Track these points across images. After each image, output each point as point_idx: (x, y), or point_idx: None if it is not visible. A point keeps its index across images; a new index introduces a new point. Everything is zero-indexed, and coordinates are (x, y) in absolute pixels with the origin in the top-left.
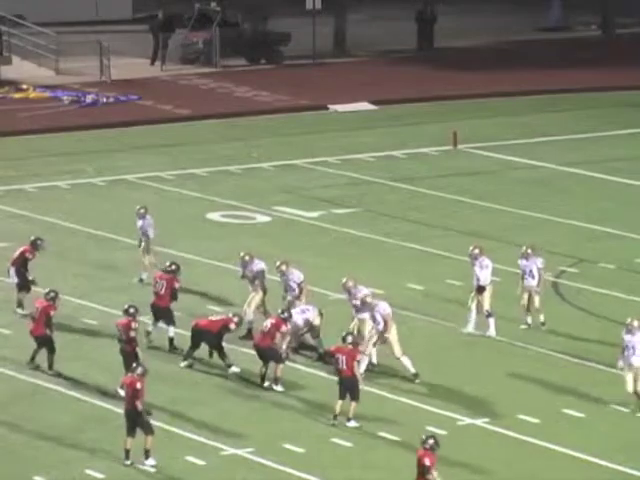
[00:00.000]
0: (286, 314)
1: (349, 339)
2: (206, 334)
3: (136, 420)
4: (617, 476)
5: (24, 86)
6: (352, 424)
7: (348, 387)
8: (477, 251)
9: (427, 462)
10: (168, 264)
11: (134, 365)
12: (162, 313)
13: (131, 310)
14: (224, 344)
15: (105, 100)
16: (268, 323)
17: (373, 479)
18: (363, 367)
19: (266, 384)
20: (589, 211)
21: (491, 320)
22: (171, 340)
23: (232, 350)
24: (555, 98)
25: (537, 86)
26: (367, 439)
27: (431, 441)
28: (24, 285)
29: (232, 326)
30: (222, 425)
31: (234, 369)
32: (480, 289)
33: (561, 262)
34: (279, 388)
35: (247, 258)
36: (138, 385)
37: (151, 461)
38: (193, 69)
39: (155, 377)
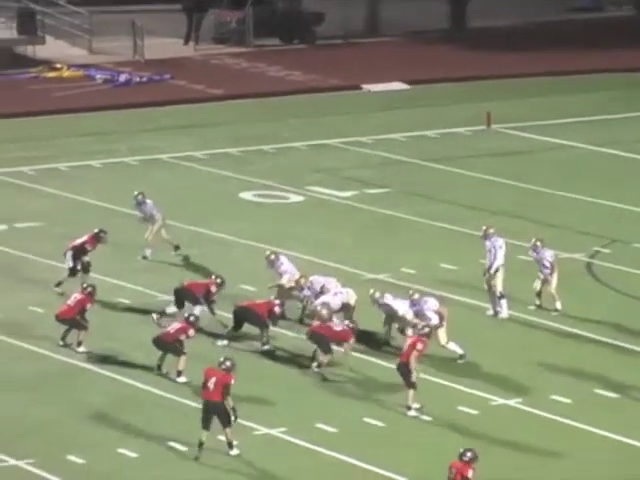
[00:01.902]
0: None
1: (426, 330)
2: (250, 314)
3: (217, 413)
4: None
5: (58, 65)
6: (412, 413)
7: (399, 372)
8: (492, 230)
9: (470, 474)
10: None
11: (221, 359)
12: (188, 297)
13: (191, 319)
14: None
15: (138, 79)
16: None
17: (405, 458)
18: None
19: (314, 364)
20: (622, 191)
21: (503, 301)
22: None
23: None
24: (588, 78)
25: (570, 67)
26: (399, 419)
27: (469, 454)
28: (75, 271)
29: (277, 309)
30: (255, 405)
31: (267, 347)
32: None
33: (594, 242)
34: (321, 372)
35: (272, 257)
36: (232, 381)
37: (235, 450)
38: (226, 49)
39: (189, 357)
